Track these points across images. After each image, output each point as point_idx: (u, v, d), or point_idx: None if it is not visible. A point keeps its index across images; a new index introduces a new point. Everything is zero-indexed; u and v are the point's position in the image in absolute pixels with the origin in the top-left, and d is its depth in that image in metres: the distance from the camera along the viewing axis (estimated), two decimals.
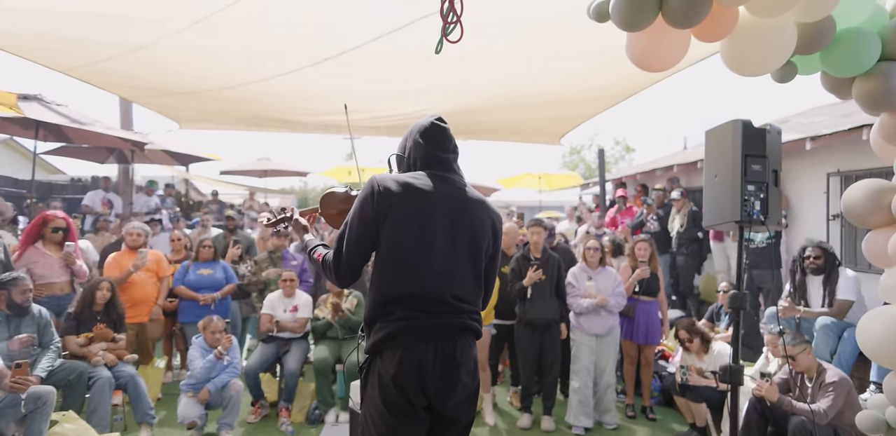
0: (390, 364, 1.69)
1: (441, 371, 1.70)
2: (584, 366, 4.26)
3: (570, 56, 4.00)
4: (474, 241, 1.84)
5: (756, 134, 2.67)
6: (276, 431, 4.11)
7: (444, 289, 1.75)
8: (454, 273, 1.79)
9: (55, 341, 3.71)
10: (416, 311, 1.72)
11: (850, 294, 3.89)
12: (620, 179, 9.67)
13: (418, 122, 1.97)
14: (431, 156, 1.90)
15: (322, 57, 4.06)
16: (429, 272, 1.75)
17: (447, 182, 1.87)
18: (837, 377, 3.26)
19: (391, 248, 1.76)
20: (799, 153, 5.36)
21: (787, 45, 2.12)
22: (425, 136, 1.91)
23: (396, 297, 1.73)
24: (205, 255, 5.05)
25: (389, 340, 1.70)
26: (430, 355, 1.70)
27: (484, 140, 8.35)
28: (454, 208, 1.83)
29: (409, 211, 1.77)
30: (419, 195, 1.79)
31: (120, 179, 9.70)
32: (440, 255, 1.77)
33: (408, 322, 1.70)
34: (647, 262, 4.61)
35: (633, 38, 2.28)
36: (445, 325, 1.74)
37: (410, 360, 1.68)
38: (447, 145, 1.93)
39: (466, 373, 1.77)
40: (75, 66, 4.52)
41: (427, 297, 1.73)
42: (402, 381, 1.67)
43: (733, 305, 2.79)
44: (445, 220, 1.80)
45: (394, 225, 1.76)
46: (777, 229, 5.06)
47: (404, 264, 1.75)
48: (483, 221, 1.88)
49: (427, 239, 1.77)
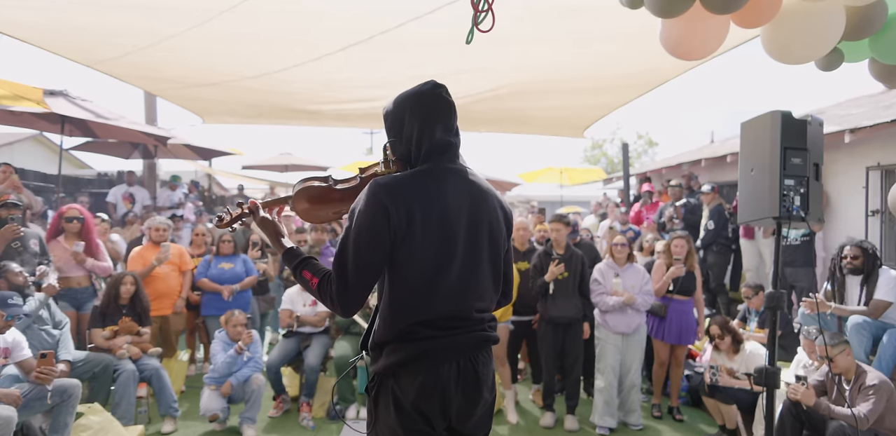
0: (409, 389, 1.51)
1: (464, 391, 1.56)
2: (609, 365, 4.16)
3: (598, 41, 3.89)
4: (493, 240, 1.63)
5: (796, 126, 2.54)
6: (297, 426, 4.11)
7: (468, 304, 1.58)
8: (478, 283, 1.60)
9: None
10: (438, 330, 1.54)
11: (889, 295, 3.72)
12: (645, 173, 9.48)
13: (412, 91, 1.61)
14: (440, 142, 1.58)
15: (347, 43, 4.02)
16: (452, 288, 1.54)
17: (459, 176, 1.60)
18: (878, 380, 3.12)
19: (410, 267, 1.51)
20: (837, 146, 5.15)
21: (834, 31, 1.99)
22: (429, 113, 1.57)
23: (417, 320, 1.52)
24: (225, 249, 5.07)
25: (408, 363, 1.52)
26: (453, 375, 1.53)
27: (506, 133, 8.26)
28: (471, 209, 1.59)
29: (431, 224, 1.51)
30: (441, 202, 1.53)
31: (145, 174, 9.85)
32: (463, 266, 1.56)
33: (429, 343, 1.52)
34: (684, 259, 4.42)
35: (669, 25, 2.18)
36: (467, 341, 1.58)
37: (433, 384, 1.51)
38: (454, 125, 1.63)
39: (487, 389, 1.62)
40: (102, 60, 4.56)
41: (449, 315, 1.55)
42: (423, 407, 1.51)
43: (770, 305, 2.67)
44: (464, 224, 1.57)
45: (414, 242, 1.50)
46: (817, 227, 4.88)
47: (425, 283, 1.52)
48: (497, 215, 1.66)
49: (449, 252, 1.54)
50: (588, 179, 14.75)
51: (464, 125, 6.40)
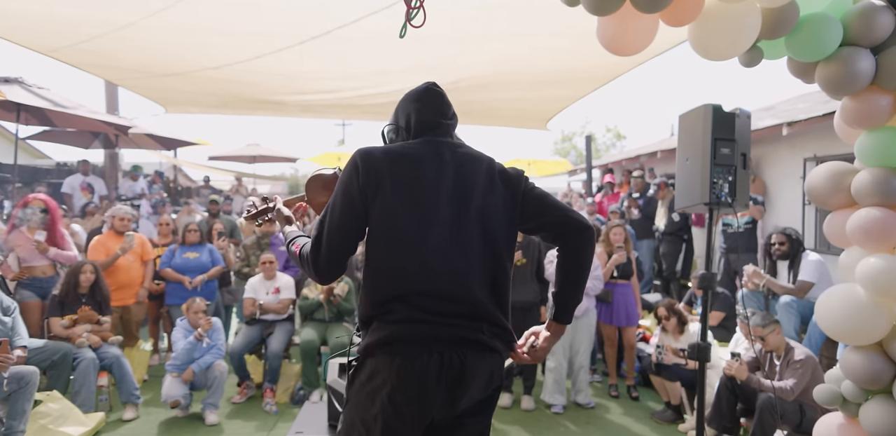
0: (386, 374, 1.41)
1: (447, 384, 1.42)
2: (559, 346, 4.36)
3: (554, 36, 4.02)
4: (486, 209, 1.53)
5: (725, 118, 2.73)
6: (260, 411, 4.19)
7: (456, 281, 1.46)
8: (468, 259, 1.48)
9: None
10: (421, 311, 1.43)
11: (811, 276, 4.10)
12: (607, 165, 9.74)
13: (411, 90, 1.72)
14: (428, 122, 1.64)
15: (307, 36, 4.06)
16: (435, 261, 1.45)
17: (446, 147, 1.60)
18: (804, 356, 3.38)
19: (386, 234, 1.48)
20: (776, 139, 5.43)
21: (751, 30, 2.16)
22: (420, 101, 1.66)
23: (397, 294, 1.45)
24: (191, 238, 5.08)
25: (385, 344, 1.43)
26: (436, 366, 1.41)
27: (472, 124, 8.38)
28: (458, 176, 1.54)
29: (403, 187, 1.49)
30: (414, 166, 1.52)
31: (106, 164, 9.66)
32: (448, 238, 1.48)
33: (409, 326, 1.42)
34: (623, 246, 4.66)
35: (603, 23, 2.32)
36: (448, 335, 1.44)
37: (410, 373, 1.40)
38: (445, 111, 1.68)
39: (479, 387, 1.47)
40: (58, 48, 4.49)
41: (434, 294, 1.44)
42: (399, 397, 1.40)
43: (702, 286, 2.87)
44: (448, 191, 1.52)
45: (386, 205, 1.47)
46: (754, 210, 5.16)
47: (404, 254, 1.46)
48: (492, 177, 1.58)
49: (429, 219, 1.48)
50: (555, 170, 14.99)
51: None
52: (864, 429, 2.18)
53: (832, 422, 2.34)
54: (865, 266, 2.15)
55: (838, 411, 2.33)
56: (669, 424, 4.06)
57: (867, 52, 2.14)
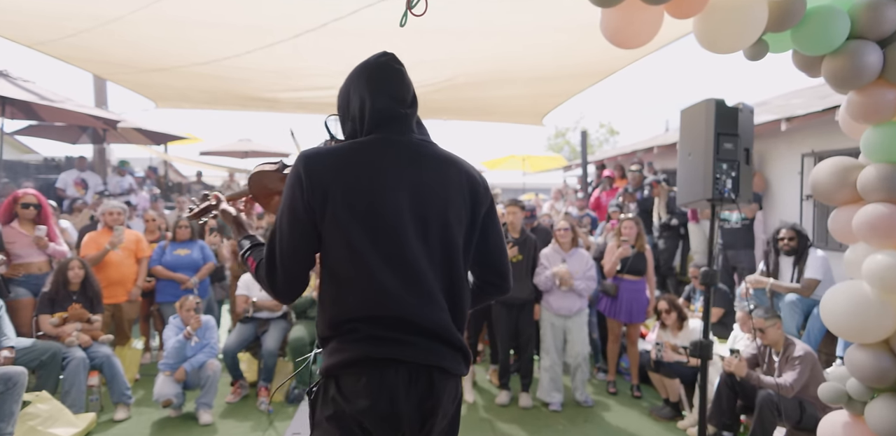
0: (352, 394, 1.30)
1: (419, 401, 1.32)
2: (551, 345, 4.34)
3: (551, 31, 3.97)
4: (447, 224, 1.40)
5: (728, 113, 2.69)
6: (254, 410, 4.13)
7: (417, 302, 1.34)
8: (429, 278, 1.36)
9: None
10: (383, 330, 1.32)
11: (818, 273, 4.02)
12: (602, 160, 9.72)
13: (362, 62, 1.46)
14: (383, 111, 1.40)
15: (301, 30, 3.97)
16: (394, 280, 1.32)
17: (404, 148, 1.41)
18: (803, 352, 3.36)
19: (339, 252, 1.33)
20: (775, 134, 5.41)
21: (758, 23, 2.11)
22: (372, 81, 1.41)
23: (357, 316, 1.33)
24: (182, 235, 5.00)
25: (348, 365, 1.31)
26: (403, 380, 1.31)
27: (467, 121, 8.32)
28: (420, 185, 1.38)
29: (355, 198, 1.33)
30: (367, 173, 1.35)
31: (95, 160, 9.51)
32: (408, 255, 1.34)
33: (373, 345, 1.31)
34: (633, 241, 4.58)
35: (607, 15, 2.27)
36: (418, 361, 1.33)
37: (379, 389, 1.29)
38: (403, 95, 1.43)
39: (449, 399, 1.38)
40: (43, 41, 4.37)
41: (394, 315, 1.32)
42: (367, 416, 1.29)
43: (704, 282, 2.84)
44: (408, 202, 1.36)
45: (338, 220, 1.31)
46: (747, 208, 5.14)
47: (360, 273, 1.32)
48: (461, 189, 1.43)
49: (387, 234, 1.33)
50: (549, 166, 15.02)
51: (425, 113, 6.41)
52: (870, 428, 2.16)
53: (837, 421, 2.31)
54: (872, 263, 2.11)
55: (843, 410, 2.31)
56: (668, 421, 4.04)
57: (875, 46, 2.10)
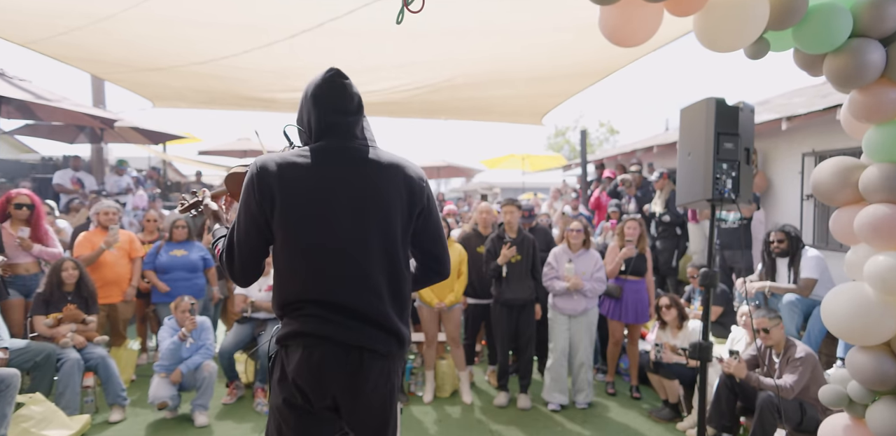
0: (293, 361, 1.52)
1: (347, 375, 1.52)
2: (559, 345, 4.30)
3: (550, 31, 3.94)
4: (388, 220, 1.57)
5: (729, 112, 2.66)
6: (251, 412, 4.10)
7: (359, 292, 1.54)
8: (369, 271, 1.55)
9: None
10: (325, 311, 1.52)
11: (813, 273, 4.01)
12: (601, 160, 9.69)
13: (311, 80, 1.63)
14: (326, 121, 1.58)
15: (298, 30, 3.94)
16: (335, 274, 1.53)
17: (345, 153, 1.58)
18: (804, 353, 3.33)
19: (287, 245, 1.53)
20: (776, 134, 5.38)
21: (759, 20, 2.08)
22: (318, 96, 1.59)
23: (302, 298, 1.54)
24: (178, 235, 4.96)
25: (294, 337, 1.53)
26: (337, 356, 1.51)
27: (466, 120, 8.28)
28: (356, 185, 1.55)
29: (296, 199, 1.51)
30: (306, 177, 1.52)
31: (93, 159, 9.47)
32: (348, 251, 1.53)
33: (314, 323, 1.52)
34: (636, 241, 4.55)
35: (606, 12, 2.23)
36: (352, 341, 1.53)
37: (309, 359, 1.51)
38: (346, 106, 1.60)
39: (382, 376, 1.57)
40: (37, 40, 4.34)
41: (334, 301, 1.53)
42: (302, 381, 1.51)
43: (704, 283, 2.81)
44: (347, 204, 1.54)
45: (286, 218, 1.51)
46: (745, 207, 5.11)
47: (305, 263, 1.53)
48: (396, 191, 1.59)
49: (328, 230, 1.52)
50: (549, 165, 14.98)
51: (425, 113, 6.40)
52: (871, 431, 2.13)
53: (838, 424, 2.29)
54: (874, 264, 2.08)
55: (844, 413, 2.28)
56: (667, 422, 4.01)
57: (877, 44, 2.07)
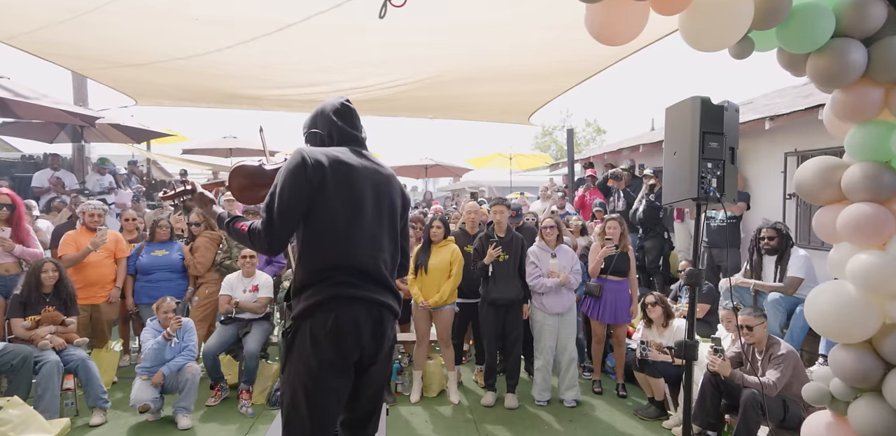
0: (324, 323, 1.77)
1: (373, 325, 1.86)
2: (547, 345, 4.31)
3: (538, 28, 3.93)
4: (392, 213, 2.01)
5: (714, 111, 2.66)
6: (235, 413, 4.05)
7: (376, 260, 1.89)
8: (382, 245, 1.93)
9: None
10: (350, 277, 1.83)
11: (800, 272, 4.04)
12: (588, 159, 9.72)
13: (327, 102, 2.09)
14: (348, 133, 2.04)
15: (283, 24, 3.89)
16: (361, 245, 1.87)
17: (366, 158, 2.02)
18: (786, 350, 3.36)
19: (325, 219, 1.84)
20: (758, 133, 5.43)
21: (743, 19, 2.09)
22: (339, 115, 2.05)
23: (332, 265, 1.82)
24: (161, 235, 4.89)
25: (322, 304, 1.79)
26: (363, 312, 1.83)
27: (454, 119, 8.26)
28: (375, 183, 1.96)
29: (340, 183, 1.87)
30: (348, 169, 1.91)
31: (74, 157, 9.30)
32: (369, 228, 1.89)
33: (342, 288, 1.81)
34: (617, 240, 4.57)
35: (592, 11, 2.23)
36: (374, 300, 1.86)
37: (346, 316, 1.79)
38: (357, 124, 2.09)
39: (391, 328, 1.96)
40: (14, 35, 4.24)
41: (359, 268, 1.85)
42: (337, 334, 1.78)
43: (689, 282, 2.82)
44: (370, 193, 1.93)
45: (327, 196, 1.84)
46: (735, 206, 5.15)
47: (339, 236, 1.84)
48: (396, 195, 2.05)
49: (358, 212, 1.88)
50: (536, 164, 15.02)
51: (411, 111, 6.35)
52: (853, 427, 2.15)
53: (820, 421, 2.30)
54: (856, 263, 2.10)
55: (826, 410, 2.30)
56: (653, 420, 4.03)
57: (859, 44, 2.08)
